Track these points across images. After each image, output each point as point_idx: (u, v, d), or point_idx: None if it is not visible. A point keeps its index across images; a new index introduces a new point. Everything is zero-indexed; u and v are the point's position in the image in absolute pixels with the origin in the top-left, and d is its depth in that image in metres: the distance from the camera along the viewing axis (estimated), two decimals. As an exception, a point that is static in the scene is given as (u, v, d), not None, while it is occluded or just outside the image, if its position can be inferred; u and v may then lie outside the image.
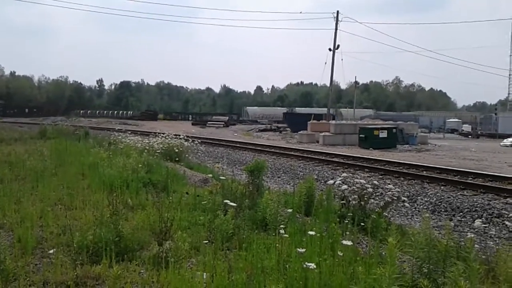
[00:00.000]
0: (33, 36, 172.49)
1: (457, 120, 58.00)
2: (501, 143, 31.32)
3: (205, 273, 3.56)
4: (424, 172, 14.29)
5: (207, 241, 4.50)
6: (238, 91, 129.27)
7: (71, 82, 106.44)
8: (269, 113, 73.46)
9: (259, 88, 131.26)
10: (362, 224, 5.34)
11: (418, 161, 17.56)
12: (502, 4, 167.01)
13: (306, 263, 3.23)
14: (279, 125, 50.03)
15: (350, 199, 6.60)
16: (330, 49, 39.32)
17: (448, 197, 10.68)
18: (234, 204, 5.23)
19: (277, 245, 4.13)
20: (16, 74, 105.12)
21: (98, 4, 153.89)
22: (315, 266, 3.21)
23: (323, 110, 48.04)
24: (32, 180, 8.21)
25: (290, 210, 5.46)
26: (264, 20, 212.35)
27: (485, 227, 8.53)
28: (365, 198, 6.65)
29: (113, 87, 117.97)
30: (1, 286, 3.43)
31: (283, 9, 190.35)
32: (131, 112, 77.75)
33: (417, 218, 9.43)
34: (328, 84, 44.14)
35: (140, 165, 9.08)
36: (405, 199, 7.40)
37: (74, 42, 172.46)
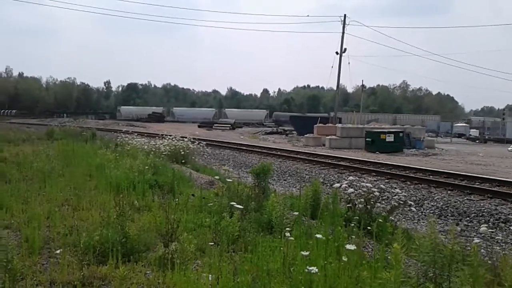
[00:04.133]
0: (41, 37, 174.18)
1: (464, 124, 57.61)
2: (509, 148, 31.06)
3: (210, 275, 3.57)
4: (431, 176, 14.21)
5: (213, 243, 4.51)
6: (245, 94, 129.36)
7: (78, 83, 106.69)
8: (142, 112, 76.80)
9: (265, 91, 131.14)
10: (368, 228, 5.32)
11: (425, 166, 17.46)
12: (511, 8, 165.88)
13: (308, 267, 3.22)
14: (286, 128, 50.06)
15: (356, 202, 6.59)
16: (337, 53, 39.15)
17: (455, 202, 10.62)
18: (240, 207, 5.24)
19: (282, 248, 4.13)
20: (24, 75, 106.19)
21: (106, 6, 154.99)
22: (317, 270, 3.21)
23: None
24: (40, 180, 8.29)
25: (296, 213, 5.45)
26: (270, 23, 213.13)
27: (492, 232, 8.47)
28: (371, 202, 6.63)
29: (120, 88, 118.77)
30: (9, 285, 3.46)
31: (289, 12, 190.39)
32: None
33: (423, 222, 9.38)
34: (335, 88, 44.04)
35: (146, 167, 9.11)
36: (412, 203, 7.37)
37: (82, 44, 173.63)
